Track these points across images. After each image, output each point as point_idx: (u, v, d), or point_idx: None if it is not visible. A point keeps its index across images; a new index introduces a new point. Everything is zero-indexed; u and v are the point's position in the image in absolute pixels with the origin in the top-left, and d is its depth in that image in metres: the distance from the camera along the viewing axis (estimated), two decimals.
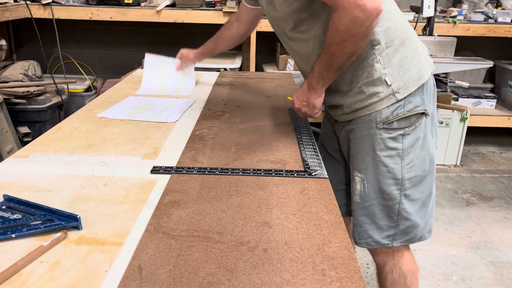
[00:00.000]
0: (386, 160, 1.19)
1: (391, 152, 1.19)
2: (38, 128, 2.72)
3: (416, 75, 1.17)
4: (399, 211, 1.22)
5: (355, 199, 1.26)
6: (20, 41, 3.71)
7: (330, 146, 1.42)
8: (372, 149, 1.20)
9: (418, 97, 1.18)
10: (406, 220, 1.23)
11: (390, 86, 1.16)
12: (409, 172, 1.20)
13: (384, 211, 1.23)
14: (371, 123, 1.19)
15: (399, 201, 1.21)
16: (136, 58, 3.63)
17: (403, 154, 1.19)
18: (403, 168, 1.19)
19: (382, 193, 1.21)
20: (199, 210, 0.89)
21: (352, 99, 1.20)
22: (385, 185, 1.20)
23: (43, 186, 0.97)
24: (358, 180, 1.24)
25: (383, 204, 1.22)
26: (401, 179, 1.20)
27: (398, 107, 1.17)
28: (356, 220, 1.27)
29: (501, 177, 3.15)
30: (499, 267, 2.15)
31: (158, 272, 0.71)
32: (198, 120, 1.44)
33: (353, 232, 1.29)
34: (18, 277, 0.69)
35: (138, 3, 3.08)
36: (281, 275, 0.71)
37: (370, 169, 1.21)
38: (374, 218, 1.24)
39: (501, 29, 3.13)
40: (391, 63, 1.15)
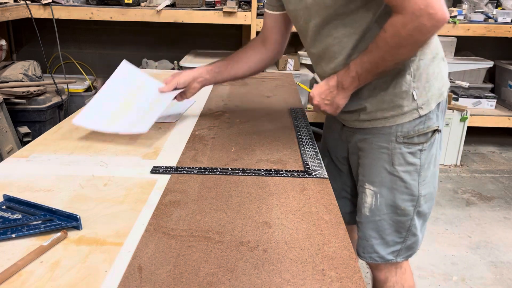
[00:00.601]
0: (404, 175, 1.16)
1: (410, 168, 1.16)
2: (38, 128, 2.72)
3: (438, 92, 1.14)
4: (409, 227, 1.20)
5: (364, 212, 1.22)
6: (20, 41, 3.71)
7: (335, 153, 1.37)
8: (390, 163, 1.16)
9: (435, 114, 1.15)
10: (413, 236, 1.21)
11: (415, 101, 1.12)
12: (424, 189, 1.18)
13: (394, 226, 1.20)
14: (391, 136, 1.15)
15: (411, 217, 1.19)
16: (136, 58, 3.62)
17: (420, 170, 1.16)
18: (420, 184, 1.17)
19: (395, 208, 1.18)
20: (199, 210, 0.89)
21: (372, 106, 1.14)
22: (400, 201, 1.17)
23: (43, 186, 0.97)
24: (369, 193, 1.20)
25: (394, 219, 1.19)
26: (417, 195, 1.17)
27: (420, 123, 1.14)
28: (362, 233, 1.24)
29: (501, 177, 3.15)
30: (499, 267, 2.15)
31: (158, 272, 0.71)
32: (198, 120, 1.44)
33: (357, 245, 1.26)
34: (18, 277, 0.69)
35: (138, 3, 3.08)
36: (281, 275, 0.71)
37: (385, 183, 1.17)
38: (382, 233, 1.21)
39: (501, 29, 3.13)
40: (421, 77, 1.11)
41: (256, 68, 1.39)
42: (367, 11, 1.05)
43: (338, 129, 1.32)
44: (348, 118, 1.23)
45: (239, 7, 3.08)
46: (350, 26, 1.08)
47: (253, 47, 1.38)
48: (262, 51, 1.37)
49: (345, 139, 1.29)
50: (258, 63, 1.38)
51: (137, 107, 1.26)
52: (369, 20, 1.06)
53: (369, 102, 1.14)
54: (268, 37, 1.36)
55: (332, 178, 1.31)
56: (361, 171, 1.23)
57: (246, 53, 1.38)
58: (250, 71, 1.39)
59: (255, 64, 1.38)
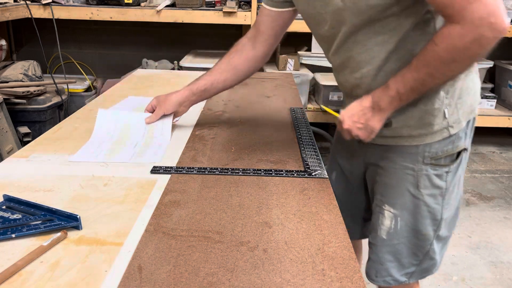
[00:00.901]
0: (428, 199, 1.08)
1: (435, 191, 1.07)
2: (38, 128, 2.72)
3: (469, 109, 1.06)
4: (427, 252, 1.12)
5: (380, 235, 1.13)
6: (20, 41, 3.71)
7: (348, 168, 1.28)
8: (415, 185, 1.07)
9: (464, 132, 1.07)
10: (430, 259, 1.14)
11: (446, 119, 1.02)
12: (447, 212, 1.11)
13: (412, 249, 1.13)
14: (417, 156, 1.06)
15: (431, 242, 1.11)
16: (136, 58, 3.62)
17: (445, 193, 1.08)
18: (443, 208, 1.09)
19: (416, 233, 1.11)
20: (199, 210, 0.89)
21: (398, 122, 1.04)
22: (422, 225, 1.10)
23: (43, 186, 0.97)
24: (388, 215, 1.11)
25: (413, 243, 1.12)
26: (439, 219, 1.10)
27: (449, 143, 1.05)
28: (376, 257, 1.15)
29: (501, 177, 3.15)
30: (499, 267, 2.15)
31: (158, 272, 0.71)
32: (198, 120, 1.44)
33: (368, 267, 1.18)
34: (18, 277, 0.69)
35: (138, 3, 3.08)
36: (281, 275, 0.71)
37: (407, 206, 1.09)
38: (399, 255, 1.13)
39: None
40: (454, 93, 1.02)
41: (244, 75, 1.29)
42: (405, 18, 0.94)
43: (353, 142, 1.18)
44: None
45: (239, 7, 3.08)
46: (384, 34, 0.97)
47: (240, 51, 1.26)
48: (249, 54, 1.25)
49: (362, 154, 1.20)
50: (245, 70, 1.27)
51: (131, 142, 1.22)
52: (406, 28, 0.95)
53: (395, 117, 1.03)
54: (260, 35, 1.23)
55: (341, 193, 1.25)
56: (379, 190, 1.14)
57: (231, 61, 1.26)
58: (238, 80, 1.29)
59: (243, 72, 1.28)
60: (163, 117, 1.29)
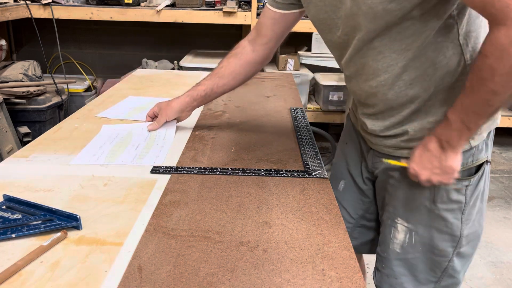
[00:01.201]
0: (446, 214, 1.01)
1: (453, 206, 1.01)
2: (38, 128, 2.72)
3: (491, 119, 0.98)
4: (446, 268, 1.06)
5: (393, 248, 1.08)
6: (20, 41, 3.71)
7: (357, 175, 1.21)
8: (431, 200, 1.02)
9: (484, 143, 1.00)
10: (450, 277, 1.07)
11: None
12: (468, 228, 1.03)
13: (428, 265, 1.06)
14: None
15: (450, 259, 1.05)
16: (136, 58, 3.62)
17: (465, 208, 1.01)
18: (462, 223, 1.02)
19: (432, 248, 1.05)
20: (199, 210, 0.89)
21: (415, 132, 0.98)
22: (439, 241, 1.04)
23: (43, 186, 0.97)
24: (402, 229, 1.06)
25: (430, 258, 1.06)
26: (459, 236, 1.03)
27: (470, 156, 0.98)
28: (389, 270, 1.09)
29: (501, 177, 3.15)
30: (499, 267, 2.15)
31: (158, 272, 0.71)
32: (198, 120, 1.44)
33: (381, 281, 1.12)
34: (18, 277, 0.69)
35: (138, 3, 3.08)
36: (281, 275, 0.71)
37: (423, 221, 1.04)
38: (414, 270, 1.07)
39: None
40: None
41: (243, 79, 1.27)
42: (425, 23, 0.87)
43: (364, 150, 1.16)
44: (380, 142, 1.06)
45: (239, 7, 3.08)
46: (402, 40, 0.89)
47: (239, 54, 1.23)
48: (249, 57, 1.23)
49: (371, 165, 1.14)
50: (244, 73, 1.25)
51: (132, 144, 1.22)
52: (427, 34, 0.88)
53: (411, 127, 0.98)
54: (260, 38, 1.20)
55: (351, 203, 1.22)
56: (391, 202, 1.08)
57: (230, 65, 1.24)
58: (238, 84, 1.27)
59: (242, 76, 1.26)
60: (166, 123, 1.31)
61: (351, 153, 1.22)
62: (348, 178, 1.23)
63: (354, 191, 1.23)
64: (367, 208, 1.23)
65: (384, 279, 1.11)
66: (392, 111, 1.00)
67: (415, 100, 0.96)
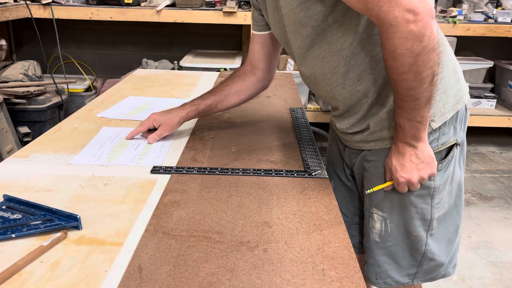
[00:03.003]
0: (416, 200, 1.04)
1: (422, 192, 1.03)
2: (38, 128, 2.72)
3: (453, 99, 1.00)
4: (424, 252, 1.09)
5: (373, 238, 1.12)
6: (20, 41, 3.71)
7: (342, 173, 1.25)
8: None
9: (452, 127, 1.02)
10: (430, 260, 1.10)
11: None
12: (438, 211, 1.06)
13: (408, 250, 1.10)
14: None
15: (425, 243, 1.08)
16: (136, 58, 3.62)
17: (434, 193, 1.04)
18: (432, 208, 1.05)
19: (408, 234, 1.08)
20: (199, 210, 0.89)
21: (375, 125, 1.03)
22: (412, 227, 1.07)
23: (43, 186, 0.97)
24: (378, 218, 1.09)
25: (408, 244, 1.09)
26: (430, 220, 1.06)
27: (433, 141, 1.00)
28: (373, 260, 1.13)
29: (501, 177, 3.15)
30: (499, 267, 2.15)
31: (158, 272, 0.71)
32: (198, 120, 1.44)
33: (368, 271, 1.15)
34: (18, 277, 0.69)
35: (138, 3, 3.08)
36: (281, 275, 0.71)
37: (395, 209, 1.07)
38: (395, 257, 1.11)
39: (501, 29, 3.13)
40: None
41: (247, 97, 1.33)
42: (349, 22, 0.94)
43: (341, 149, 1.21)
44: (350, 139, 1.11)
45: (239, 7, 3.08)
46: (336, 42, 0.96)
47: (242, 76, 1.30)
48: (251, 80, 1.30)
49: (348, 161, 1.18)
50: (248, 93, 1.32)
51: (132, 144, 1.22)
52: (356, 32, 0.94)
53: (372, 120, 1.03)
54: (256, 65, 1.28)
55: (343, 203, 1.24)
56: (368, 195, 1.12)
57: (234, 86, 1.29)
58: (241, 102, 1.33)
59: (246, 95, 1.32)
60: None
61: (334, 153, 1.27)
62: (335, 178, 1.27)
63: (343, 190, 1.26)
64: (357, 205, 1.25)
65: (370, 268, 1.14)
66: (352, 109, 1.05)
67: (368, 94, 1.01)
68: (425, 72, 0.84)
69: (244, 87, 1.30)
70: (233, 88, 1.29)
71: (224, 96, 1.28)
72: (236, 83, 1.30)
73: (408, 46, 0.80)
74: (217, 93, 1.29)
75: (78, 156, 1.13)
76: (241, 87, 1.30)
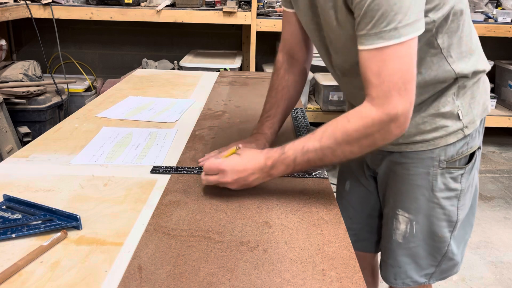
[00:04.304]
0: (444, 201, 1.06)
1: (451, 194, 1.05)
2: (38, 128, 2.72)
3: (482, 107, 1.04)
4: (446, 253, 1.11)
5: (396, 239, 1.12)
6: (20, 41, 3.71)
7: (361, 173, 1.24)
8: (430, 189, 1.05)
9: (477, 132, 1.05)
10: (449, 260, 1.12)
11: (461, 120, 1.01)
12: (462, 213, 1.09)
13: (429, 251, 1.11)
14: (433, 161, 1.03)
15: (448, 243, 1.10)
16: (136, 58, 3.63)
17: (460, 195, 1.06)
18: (459, 209, 1.07)
19: (432, 235, 1.09)
20: (199, 210, 0.89)
21: (411, 129, 1.00)
22: (438, 228, 1.08)
23: (43, 186, 0.97)
24: (403, 220, 1.09)
25: (430, 245, 1.10)
26: (455, 221, 1.08)
27: (464, 144, 1.03)
28: (394, 261, 1.13)
29: (501, 177, 3.15)
30: (499, 267, 2.15)
31: (158, 272, 0.71)
32: (198, 120, 1.44)
33: (386, 271, 1.16)
34: (18, 277, 0.69)
35: (138, 3, 3.08)
36: (281, 275, 0.71)
37: (422, 210, 1.07)
38: (416, 257, 1.12)
39: (501, 29, 3.13)
40: (465, 94, 1.00)
41: (302, 87, 1.21)
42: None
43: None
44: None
45: (239, 7, 3.08)
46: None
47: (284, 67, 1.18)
48: (296, 64, 1.18)
49: (371, 163, 1.18)
50: (301, 82, 1.20)
51: (133, 144, 1.21)
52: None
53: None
54: (294, 54, 1.16)
55: (359, 201, 1.25)
56: (392, 195, 1.12)
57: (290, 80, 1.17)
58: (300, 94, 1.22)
59: (302, 84, 1.21)
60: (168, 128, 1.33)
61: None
62: (351, 178, 1.27)
63: (359, 190, 1.26)
64: (372, 206, 1.25)
65: (389, 269, 1.14)
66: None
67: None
68: (353, 154, 0.87)
69: (296, 77, 1.18)
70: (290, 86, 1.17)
71: (288, 100, 1.18)
72: (285, 79, 1.17)
73: (376, 136, 0.83)
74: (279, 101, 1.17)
75: (78, 156, 1.13)
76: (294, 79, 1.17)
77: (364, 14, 0.81)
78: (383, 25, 0.79)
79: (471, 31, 1.00)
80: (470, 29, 0.99)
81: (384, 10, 0.79)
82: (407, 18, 0.79)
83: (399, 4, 0.78)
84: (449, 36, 0.95)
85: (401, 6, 0.78)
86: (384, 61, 0.81)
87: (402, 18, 0.78)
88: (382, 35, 0.80)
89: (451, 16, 0.92)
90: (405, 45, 0.80)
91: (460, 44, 0.97)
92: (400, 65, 0.80)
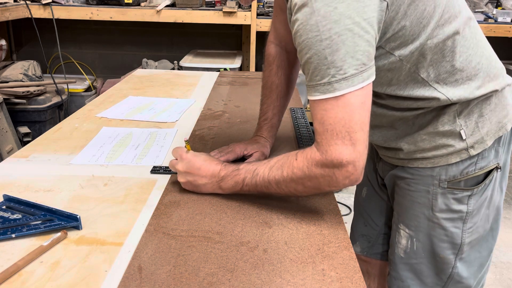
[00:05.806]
0: (445, 223, 1.00)
1: (453, 215, 0.99)
2: (38, 128, 2.72)
3: (496, 126, 0.95)
4: (451, 274, 1.04)
5: (398, 253, 1.08)
6: (20, 41, 3.71)
7: (375, 181, 1.22)
8: (429, 208, 1.00)
9: (493, 150, 0.97)
10: (457, 283, 1.04)
11: (464, 140, 0.94)
12: (470, 236, 1.01)
13: (433, 270, 1.05)
14: (433, 179, 0.98)
15: (453, 266, 1.03)
16: (136, 58, 3.62)
17: (466, 217, 0.99)
18: (464, 232, 1.00)
19: (434, 255, 1.03)
20: (199, 210, 0.89)
21: (409, 146, 0.99)
22: (439, 249, 1.02)
23: (43, 186, 0.97)
24: (404, 235, 1.06)
25: (433, 264, 1.04)
26: (460, 244, 1.00)
27: (470, 165, 0.96)
28: (396, 273, 1.09)
29: None
30: (499, 267, 2.15)
31: (158, 272, 0.71)
32: (198, 120, 1.44)
33: (390, 283, 1.12)
34: (18, 277, 0.69)
35: (138, 3, 3.08)
36: (281, 275, 0.71)
37: (422, 229, 1.02)
38: (419, 274, 1.06)
39: (501, 29, 3.13)
40: (471, 113, 0.94)
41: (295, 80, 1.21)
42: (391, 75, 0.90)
43: (375, 160, 1.19)
44: (385, 153, 1.08)
45: (239, 7, 3.08)
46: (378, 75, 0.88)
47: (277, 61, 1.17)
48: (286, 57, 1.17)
49: (381, 172, 1.17)
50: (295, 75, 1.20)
51: (133, 144, 1.22)
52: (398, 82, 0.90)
53: (406, 142, 0.99)
54: (286, 44, 1.15)
55: (375, 210, 1.23)
56: (396, 208, 1.09)
57: (283, 77, 1.18)
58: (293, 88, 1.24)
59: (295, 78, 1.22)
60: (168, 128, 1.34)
61: (367, 159, 1.22)
62: (368, 185, 1.25)
63: (375, 198, 1.24)
64: (388, 215, 1.22)
65: (392, 281, 1.11)
66: (383, 126, 1.02)
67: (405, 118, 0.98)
68: (299, 192, 0.87)
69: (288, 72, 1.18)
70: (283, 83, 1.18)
71: (283, 99, 1.19)
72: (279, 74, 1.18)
73: (320, 180, 0.82)
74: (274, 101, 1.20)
75: (78, 156, 1.13)
76: (287, 75, 1.18)
77: (303, 66, 0.81)
78: (317, 79, 0.78)
79: (472, 53, 0.91)
80: (470, 51, 0.90)
81: (317, 64, 0.77)
82: (342, 72, 0.75)
83: (330, 58, 0.75)
84: (435, 67, 0.89)
85: (332, 61, 0.75)
86: (325, 110, 0.79)
87: (336, 72, 0.76)
88: (318, 88, 0.79)
89: (432, 48, 0.86)
90: (346, 97, 0.77)
91: (454, 72, 0.90)
92: (343, 114, 0.77)
